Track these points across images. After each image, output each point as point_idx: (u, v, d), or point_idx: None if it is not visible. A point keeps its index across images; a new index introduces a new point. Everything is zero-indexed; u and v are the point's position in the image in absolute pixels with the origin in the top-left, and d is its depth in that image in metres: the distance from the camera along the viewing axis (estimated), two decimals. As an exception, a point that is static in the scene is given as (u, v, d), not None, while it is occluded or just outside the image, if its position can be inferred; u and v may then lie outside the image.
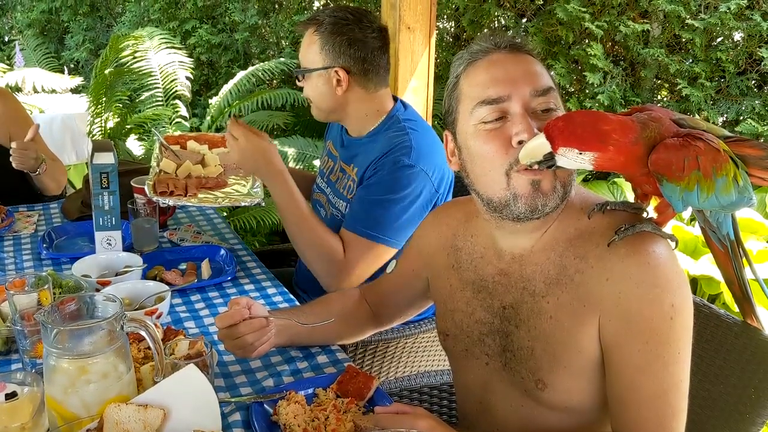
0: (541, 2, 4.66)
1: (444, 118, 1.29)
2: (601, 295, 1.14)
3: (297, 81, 1.99)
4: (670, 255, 1.13)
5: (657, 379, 1.12)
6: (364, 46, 1.88)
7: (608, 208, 1.18)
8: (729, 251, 1.21)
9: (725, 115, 4.10)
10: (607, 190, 3.90)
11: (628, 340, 1.13)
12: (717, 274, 2.98)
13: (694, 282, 3.18)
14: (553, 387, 1.21)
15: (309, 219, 1.83)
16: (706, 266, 3.04)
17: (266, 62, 5.51)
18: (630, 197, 1.38)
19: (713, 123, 3.96)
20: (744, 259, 1.22)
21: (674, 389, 1.13)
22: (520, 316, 1.24)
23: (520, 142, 1.12)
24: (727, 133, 1.14)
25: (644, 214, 1.18)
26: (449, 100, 1.26)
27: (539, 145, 1.06)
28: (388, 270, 1.57)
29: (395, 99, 2.00)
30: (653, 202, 1.18)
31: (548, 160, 1.07)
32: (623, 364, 1.15)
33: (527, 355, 1.23)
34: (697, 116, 3.96)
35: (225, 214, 4.14)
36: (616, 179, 3.95)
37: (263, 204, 1.96)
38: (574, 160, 1.05)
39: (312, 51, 1.90)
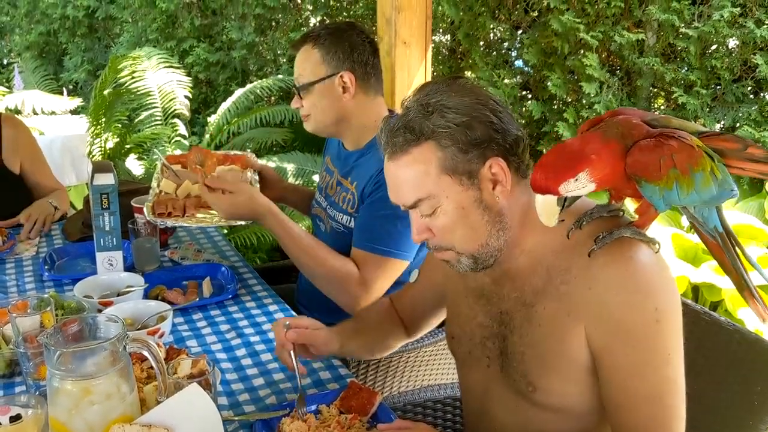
0: (536, 14, 4.69)
1: None
2: (585, 304, 1.16)
3: (297, 98, 1.97)
4: (652, 258, 1.15)
5: (649, 382, 1.14)
6: (364, 50, 1.91)
7: (584, 222, 1.19)
8: (720, 243, 1.22)
9: (722, 122, 4.11)
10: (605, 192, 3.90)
11: (616, 346, 1.15)
12: (718, 281, 2.98)
13: (696, 289, 3.18)
14: (543, 390, 1.24)
15: (312, 248, 1.84)
16: (707, 273, 3.04)
17: (264, 79, 5.54)
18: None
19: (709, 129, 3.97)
20: (737, 248, 1.23)
21: (669, 391, 1.15)
22: (514, 323, 1.28)
23: None
24: (701, 128, 1.15)
25: (620, 214, 1.20)
26: None
27: (546, 204, 1.09)
28: (411, 279, 1.61)
29: (390, 112, 2.01)
30: (634, 204, 1.19)
31: (564, 202, 1.09)
32: (614, 370, 1.17)
33: (519, 359, 1.26)
34: (693, 122, 3.98)
35: (225, 231, 4.15)
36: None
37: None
38: (578, 188, 1.08)
39: (312, 63, 1.90)
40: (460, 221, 1.21)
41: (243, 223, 1.95)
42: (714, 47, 4.13)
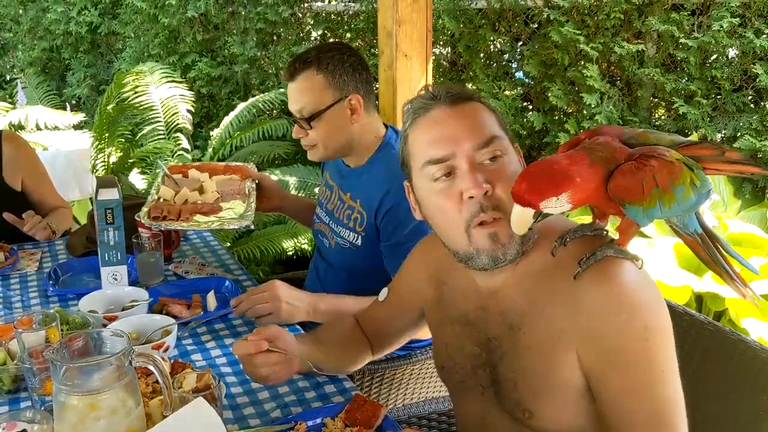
0: (536, 26, 4.72)
1: (402, 169, 1.32)
2: (574, 328, 1.15)
3: (300, 128, 1.93)
4: (636, 276, 1.14)
5: (646, 401, 1.12)
6: (362, 70, 1.92)
7: (568, 239, 1.18)
8: (700, 242, 1.22)
9: (723, 132, 4.12)
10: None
11: (608, 368, 1.14)
12: (721, 290, 2.98)
13: (699, 299, 3.18)
14: (539, 416, 1.21)
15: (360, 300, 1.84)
16: (711, 283, 3.04)
17: (266, 93, 5.56)
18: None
19: (711, 140, 3.99)
20: (715, 242, 1.23)
21: (667, 408, 1.13)
22: (503, 348, 1.25)
23: (471, 197, 1.16)
24: (677, 138, 1.16)
25: (603, 234, 1.20)
26: (403, 153, 1.29)
27: (523, 215, 1.08)
28: (381, 298, 1.58)
29: (385, 125, 2.02)
30: (617, 221, 1.19)
31: (539, 217, 1.09)
32: (609, 392, 1.15)
33: (511, 386, 1.24)
34: (694, 134, 3.99)
35: (228, 244, 4.16)
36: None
37: (252, 227, 1.97)
38: (556, 206, 1.07)
39: (317, 90, 1.88)
40: None
41: (236, 227, 1.96)
42: (714, 57, 4.15)
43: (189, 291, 1.99)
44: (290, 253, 4.25)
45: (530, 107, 4.83)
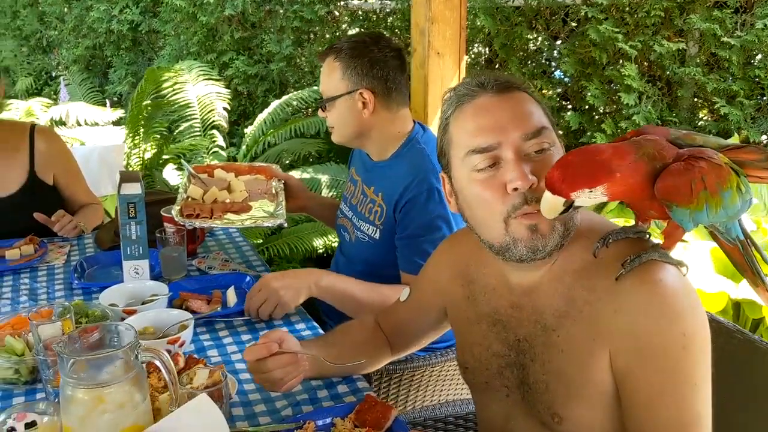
0: (574, 24, 4.63)
1: (438, 159, 1.28)
2: (611, 327, 1.11)
3: (321, 111, 2.00)
4: (680, 282, 1.10)
5: (674, 410, 1.08)
6: (386, 66, 1.90)
7: (611, 240, 1.15)
8: (740, 248, 1.18)
9: (767, 134, 4.00)
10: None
11: (641, 371, 1.10)
12: (759, 298, 2.88)
13: (737, 306, 3.08)
14: (569, 420, 1.18)
15: (372, 288, 1.84)
16: (748, 290, 2.94)
17: (300, 91, 5.58)
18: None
19: (753, 141, 3.87)
20: (754, 249, 1.19)
21: (694, 421, 1.08)
22: (534, 350, 1.22)
23: (515, 189, 1.12)
24: (722, 141, 1.12)
25: (646, 237, 1.16)
26: (441, 142, 1.25)
27: (553, 201, 1.05)
28: (402, 298, 1.55)
29: (413, 122, 2.01)
30: (661, 225, 1.16)
31: (569, 208, 1.06)
32: (638, 396, 1.11)
33: (542, 389, 1.21)
34: (735, 136, 3.87)
35: (260, 241, 4.18)
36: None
37: (285, 225, 1.98)
38: (589, 197, 1.04)
39: (334, 78, 1.92)
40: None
41: (270, 225, 1.97)
42: (758, 57, 4.03)
43: (210, 287, 2.00)
44: (321, 251, 4.25)
45: (569, 106, 4.75)
